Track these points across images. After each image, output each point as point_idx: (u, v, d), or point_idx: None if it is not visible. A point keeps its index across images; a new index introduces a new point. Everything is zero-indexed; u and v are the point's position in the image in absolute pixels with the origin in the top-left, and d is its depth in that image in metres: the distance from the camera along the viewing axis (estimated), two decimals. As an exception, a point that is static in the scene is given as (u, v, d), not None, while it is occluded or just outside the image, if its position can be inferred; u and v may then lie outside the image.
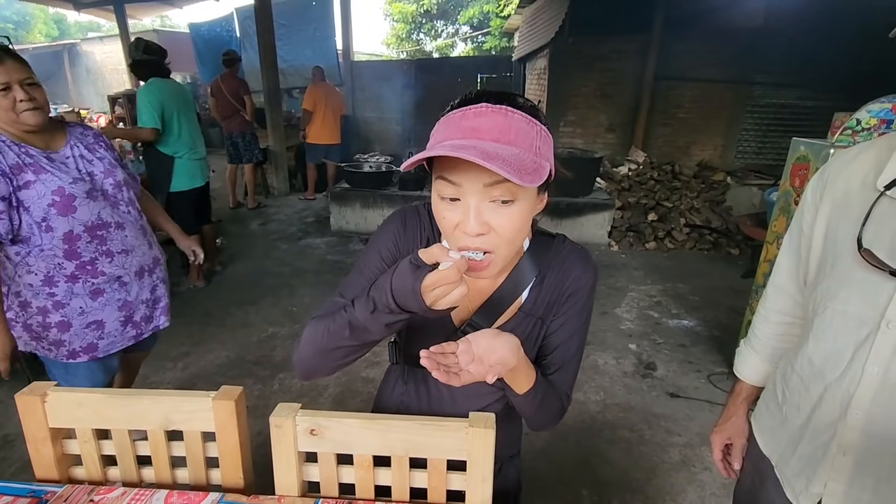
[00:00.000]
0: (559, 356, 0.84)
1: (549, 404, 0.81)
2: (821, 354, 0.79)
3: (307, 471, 0.93)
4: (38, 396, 0.91)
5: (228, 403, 0.92)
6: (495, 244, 0.65)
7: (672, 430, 2.25)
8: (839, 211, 0.78)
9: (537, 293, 0.82)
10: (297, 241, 4.76)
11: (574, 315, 0.83)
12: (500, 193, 0.62)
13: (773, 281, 0.97)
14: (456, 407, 0.92)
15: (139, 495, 0.89)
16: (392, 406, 0.98)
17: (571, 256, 0.82)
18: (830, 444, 0.78)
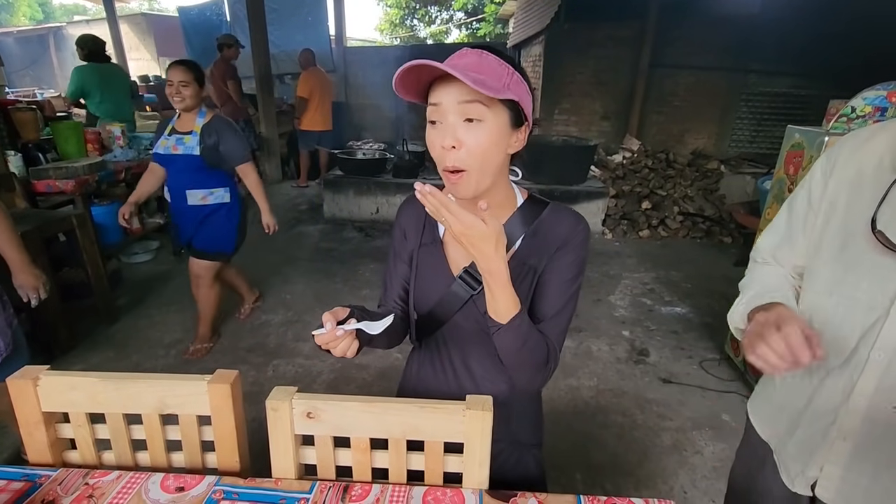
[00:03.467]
0: (549, 305, 0.85)
1: (534, 346, 0.79)
2: (824, 340, 0.74)
3: (304, 454, 0.93)
4: (30, 380, 0.90)
5: (224, 387, 0.91)
6: (467, 162, 0.74)
7: (664, 415, 2.28)
8: (851, 192, 0.75)
9: (530, 243, 0.86)
10: (291, 229, 4.72)
11: (565, 266, 0.85)
12: (471, 111, 0.72)
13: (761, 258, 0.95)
14: (475, 386, 0.94)
15: (135, 479, 0.88)
16: (410, 387, 1.01)
17: (563, 213, 0.88)
18: (830, 429, 0.77)
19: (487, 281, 0.74)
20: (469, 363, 0.94)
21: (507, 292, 0.74)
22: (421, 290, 0.92)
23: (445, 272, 0.89)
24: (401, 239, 0.96)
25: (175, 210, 2.46)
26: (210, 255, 2.51)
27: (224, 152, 2.33)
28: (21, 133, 3.17)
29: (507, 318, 0.75)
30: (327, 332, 0.71)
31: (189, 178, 2.36)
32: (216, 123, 2.32)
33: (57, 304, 2.59)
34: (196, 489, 0.87)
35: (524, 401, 0.95)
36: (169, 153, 2.30)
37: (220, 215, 2.46)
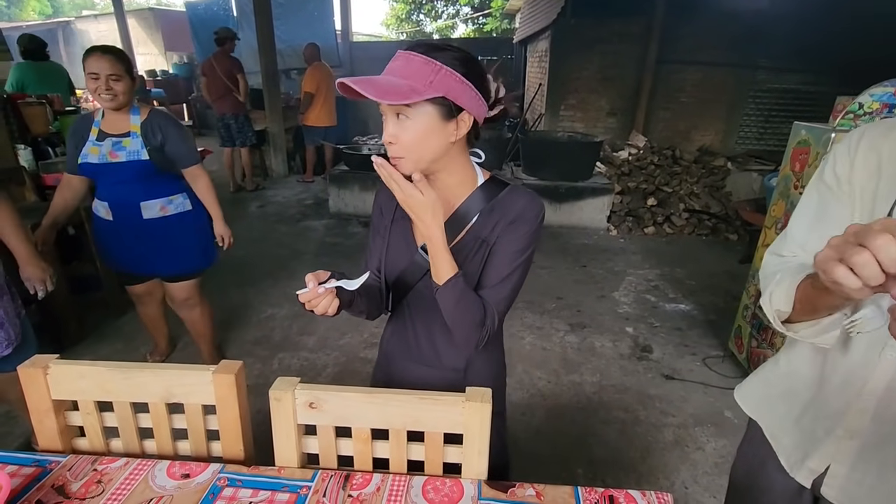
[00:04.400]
0: (494, 273, 0.92)
1: (468, 307, 0.88)
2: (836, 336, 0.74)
3: (306, 443, 0.95)
4: (41, 369, 0.92)
5: (228, 377, 0.93)
6: (401, 153, 0.85)
7: (666, 411, 2.28)
8: (870, 184, 0.71)
9: (485, 219, 0.93)
10: (296, 224, 4.75)
11: (515, 239, 0.91)
12: (399, 110, 0.82)
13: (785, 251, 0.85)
14: (435, 353, 1.03)
15: (142, 465, 0.91)
16: (382, 353, 1.13)
17: (520, 193, 0.95)
18: (836, 426, 0.76)
19: (428, 245, 0.84)
20: (431, 329, 1.02)
21: (443, 256, 0.84)
22: (390, 259, 1.01)
23: (411, 244, 0.99)
24: (378, 215, 1.06)
25: (120, 230, 2.03)
26: (189, 275, 2.22)
27: (170, 153, 1.98)
28: (30, 127, 3.20)
29: (444, 280, 0.85)
30: (310, 290, 0.80)
31: (140, 189, 1.97)
32: (157, 119, 1.95)
33: (66, 296, 2.63)
34: (201, 476, 0.89)
35: (483, 369, 1.05)
36: (106, 162, 1.89)
37: (186, 225, 2.11)
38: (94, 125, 1.93)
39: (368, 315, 1.02)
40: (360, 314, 0.99)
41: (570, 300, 3.34)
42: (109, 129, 1.92)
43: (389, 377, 1.10)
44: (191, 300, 2.27)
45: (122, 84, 1.84)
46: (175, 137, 1.98)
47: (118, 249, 2.09)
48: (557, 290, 3.47)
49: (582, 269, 3.85)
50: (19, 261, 1.65)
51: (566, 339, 2.87)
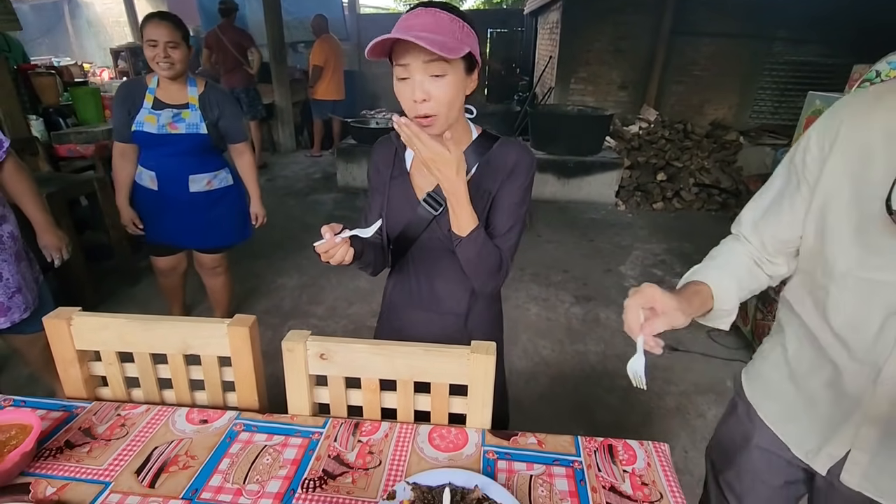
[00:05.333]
0: (501, 224, 0.98)
1: (488, 254, 0.93)
2: (842, 323, 0.74)
3: (318, 393, 0.99)
4: (64, 320, 0.97)
5: (242, 330, 0.97)
6: (436, 109, 0.86)
7: (669, 380, 2.32)
8: (860, 168, 0.68)
9: (484, 170, 0.99)
10: (305, 197, 4.78)
11: (513, 191, 0.98)
12: (435, 69, 0.83)
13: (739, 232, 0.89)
14: (436, 301, 1.08)
15: (162, 412, 0.95)
16: (385, 304, 1.17)
17: (511, 145, 1.00)
18: (854, 410, 0.75)
19: (451, 201, 0.88)
20: (433, 277, 1.06)
21: (467, 210, 0.88)
22: (392, 215, 1.04)
23: (412, 198, 1.02)
24: (375, 174, 1.08)
25: (165, 201, 2.03)
26: (226, 248, 2.30)
27: (223, 128, 1.99)
28: (41, 98, 3.23)
29: (466, 232, 0.90)
30: (327, 240, 0.83)
31: (191, 162, 1.99)
32: (214, 93, 1.96)
33: (82, 264, 2.70)
34: (218, 422, 0.93)
35: (482, 314, 1.11)
36: (165, 132, 1.88)
37: (229, 200, 2.14)
38: (148, 92, 1.89)
39: (373, 269, 1.06)
40: (367, 267, 1.03)
41: (576, 273, 3.35)
42: (166, 98, 1.89)
43: (394, 326, 1.15)
44: (219, 268, 2.33)
45: (180, 52, 1.81)
46: (230, 113, 1.99)
47: (160, 221, 2.08)
48: (564, 264, 3.48)
49: (589, 243, 3.85)
50: (37, 229, 1.69)
51: (571, 311, 2.90)
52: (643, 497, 0.81)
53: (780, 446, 0.87)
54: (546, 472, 0.85)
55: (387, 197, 1.04)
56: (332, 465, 0.85)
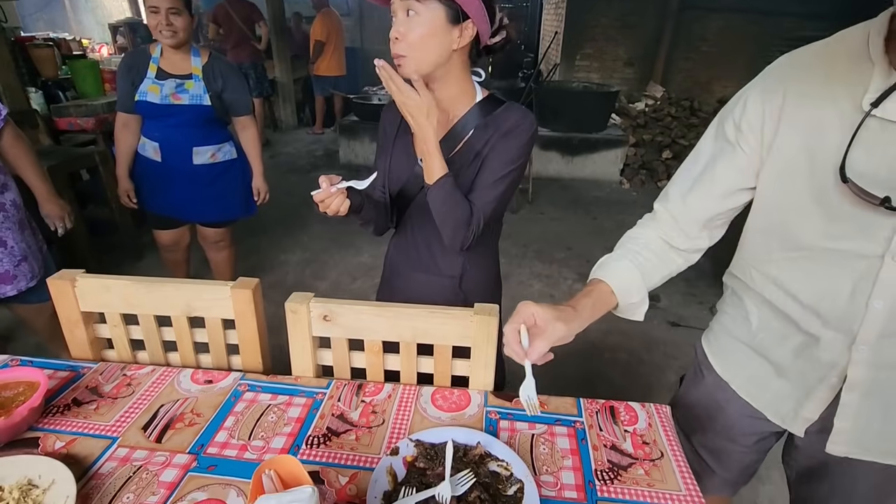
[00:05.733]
0: (483, 179, 0.97)
1: (455, 205, 0.93)
2: (811, 293, 0.73)
3: (321, 355, 0.99)
4: (68, 281, 0.97)
5: (246, 292, 0.97)
6: (406, 50, 0.88)
7: (670, 354, 2.33)
8: (811, 137, 0.67)
9: (481, 133, 0.98)
10: (307, 174, 4.76)
11: (505, 149, 0.96)
12: (409, 5, 0.85)
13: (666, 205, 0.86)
14: (433, 261, 1.09)
15: (167, 372, 0.96)
16: (387, 266, 1.20)
17: (515, 109, 0.99)
18: (829, 374, 0.75)
19: (419, 147, 0.90)
20: (430, 238, 1.07)
21: (435, 156, 0.89)
22: (393, 174, 1.07)
23: (411, 158, 1.04)
24: (382, 135, 1.11)
25: (168, 173, 2.00)
26: (230, 222, 2.28)
27: (228, 100, 1.97)
28: (40, 70, 3.19)
29: (434, 180, 0.90)
30: (323, 190, 0.86)
31: (195, 134, 1.97)
32: (218, 64, 1.93)
33: (86, 238, 2.70)
34: (223, 382, 0.94)
35: (477, 277, 1.11)
36: (168, 103, 1.86)
37: (232, 174, 2.13)
38: (151, 61, 1.87)
39: (376, 227, 1.08)
40: (368, 224, 1.05)
41: (579, 251, 3.34)
42: (170, 68, 1.87)
43: (393, 286, 1.17)
44: (222, 242, 2.33)
45: (182, 19, 1.78)
46: (235, 85, 1.96)
47: (163, 193, 2.06)
48: (567, 241, 3.47)
49: (593, 221, 3.84)
50: (38, 198, 1.69)
51: (574, 287, 2.90)
52: (644, 455, 0.81)
53: (753, 412, 0.88)
54: (548, 432, 0.85)
55: (390, 157, 1.05)
56: (335, 423, 0.85)
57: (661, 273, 0.86)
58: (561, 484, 0.76)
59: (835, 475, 0.85)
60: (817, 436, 0.82)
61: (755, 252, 0.82)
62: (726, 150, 0.77)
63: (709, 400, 0.95)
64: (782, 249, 0.75)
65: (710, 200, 0.80)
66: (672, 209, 0.84)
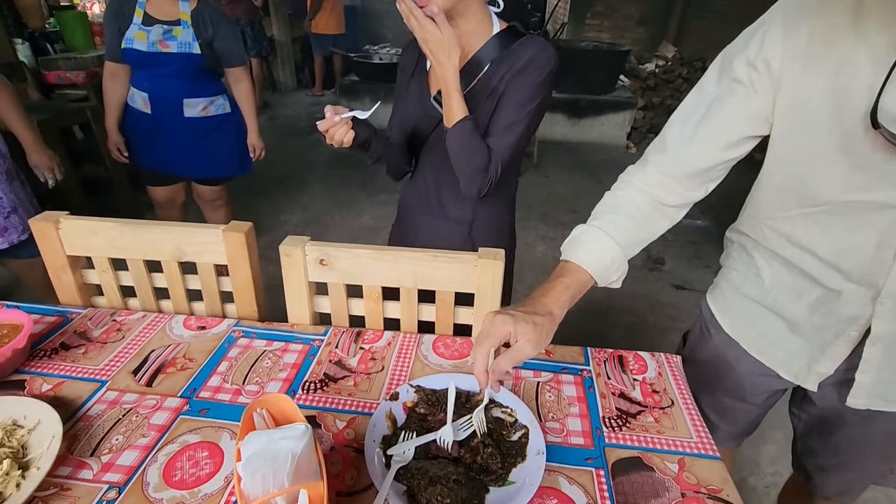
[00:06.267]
0: (500, 121, 0.92)
1: (473, 150, 0.89)
2: (830, 248, 0.69)
3: (318, 302, 0.95)
4: (52, 222, 0.92)
5: (238, 235, 0.92)
6: None
7: (675, 317, 2.31)
8: (840, 81, 0.60)
9: (497, 68, 0.93)
10: (307, 136, 4.65)
11: (521, 87, 0.91)
12: None
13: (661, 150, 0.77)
14: (440, 205, 1.06)
15: (159, 318, 0.93)
16: (400, 209, 1.18)
17: (534, 42, 0.93)
18: (848, 328, 0.71)
19: (441, 87, 0.86)
20: (440, 181, 1.05)
21: (455, 97, 0.86)
22: (407, 113, 1.04)
23: (425, 96, 1.00)
24: (400, 74, 1.07)
25: (159, 125, 1.92)
26: (226, 179, 2.19)
27: (219, 49, 1.86)
28: (26, 21, 3.07)
29: (453, 123, 0.87)
30: (328, 119, 0.85)
31: (185, 85, 1.87)
32: (208, 10, 1.81)
33: (81, 197, 2.65)
34: (216, 328, 0.91)
35: (487, 225, 1.08)
36: (155, 51, 1.76)
37: (226, 129, 2.03)
38: (138, 6, 1.76)
39: (389, 167, 1.05)
40: (380, 163, 1.02)
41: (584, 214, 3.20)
42: (157, 13, 1.77)
43: (404, 230, 1.15)
44: (218, 201, 2.25)
45: None
46: (226, 33, 1.86)
47: (154, 146, 1.98)
48: (572, 204, 3.41)
49: (598, 184, 3.75)
50: (26, 148, 1.63)
51: (578, 250, 2.86)
52: (654, 403, 0.78)
53: (764, 370, 0.84)
54: (554, 380, 0.82)
55: (406, 94, 1.03)
56: (333, 369, 0.82)
57: (644, 242, 0.80)
58: (567, 430, 0.73)
59: (852, 426, 0.82)
60: (833, 388, 0.79)
61: (768, 208, 0.76)
62: (736, 91, 0.68)
63: (717, 359, 0.91)
64: (799, 205, 0.70)
65: (712, 149, 0.72)
66: (668, 160, 0.76)
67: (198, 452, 0.67)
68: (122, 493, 0.61)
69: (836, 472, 0.92)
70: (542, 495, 0.63)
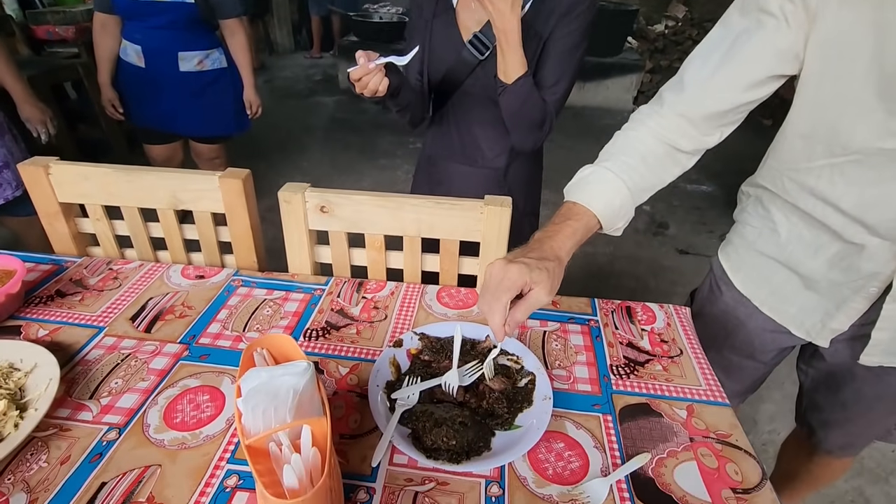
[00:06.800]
0: (550, 73, 0.90)
1: (533, 106, 0.87)
2: (856, 200, 0.65)
3: (319, 252, 0.93)
4: (42, 167, 0.89)
5: (236, 182, 0.89)
6: None
7: (677, 282, 2.29)
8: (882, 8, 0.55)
9: (538, 8, 0.88)
10: (305, 99, 4.54)
11: (568, 34, 0.88)
12: None
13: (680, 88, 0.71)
14: (479, 152, 1.03)
15: (156, 267, 0.90)
16: (424, 157, 1.13)
17: None
18: (868, 284, 0.69)
19: (500, 40, 0.81)
20: (474, 130, 1.01)
21: (517, 53, 0.82)
22: (434, 58, 0.96)
23: (457, 39, 0.93)
24: (416, 13, 0.99)
25: (153, 79, 1.85)
26: (221, 138, 2.13)
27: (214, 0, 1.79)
28: (12, -27, 2.94)
29: (513, 79, 0.83)
30: (361, 65, 0.78)
31: (180, 37, 1.80)
32: None
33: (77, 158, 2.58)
34: (215, 277, 0.89)
35: (521, 170, 1.06)
36: (148, 0, 1.69)
37: (223, 85, 1.97)
38: None
39: (412, 116, 1.00)
40: (405, 112, 0.97)
41: (588, 179, 3.23)
42: None
43: (432, 179, 1.11)
44: (217, 160, 2.20)
45: None
46: None
47: (149, 102, 1.92)
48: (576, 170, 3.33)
49: (603, 149, 3.69)
50: (17, 101, 1.58)
51: (582, 215, 2.82)
52: (662, 352, 0.77)
53: (776, 327, 0.82)
54: (560, 329, 0.81)
55: (429, 38, 0.96)
56: (335, 317, 0.81)
57: (653, 189, 0.75)
58: (574, 378, 0.71)
59: (862, 381, 0.81)
60: (845, 343, 0.78)
61: (791, 158, 0.72)
62: (766, 24, 0.62)
63: (726, 316, 0.90)
64: (827, 154, 0.66)
65: (734, 88, 0.67)
66: (686, 99, 0.71)
67: (199, 396, 0.66)
68: (122, 434, 0.60)
69: (842, 428, 0.92)
70: (549, 439, 0.62)
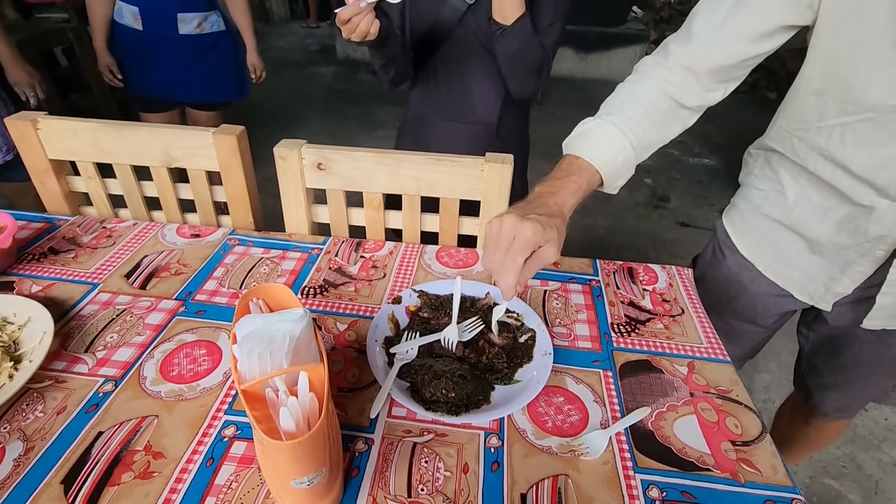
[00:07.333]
0: (544, 16, 0.87)
1: (532, 50, 0.85)
2: (867, 161, 0.63)
3: (316, 212, 0.91)
4: (30, 122, 0.86)
5: (230, 139, 0.87)
6: None
7: (677, 254, 2.28)
8: None
9: None
10: (302, 70, 4.45)
11: None
12: None
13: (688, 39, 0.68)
14: (471, 105, 1.00)
15: (151, 226, 0.89)
16: (410, 116, 1.09)
17: None
18: (874, 248, 0.68)
19: None
20: (465, 83, 0.97)
21: None
22: (417, 10, 0.92)
23: None
24: None
25: (151, 43, 1.77)
26: (221, 104, 2.04)
27: None
28: (-4, -67, 2.83)
29: (511, 20, 0.80)
30: (351, 5, 0.73)
31: None
32: None
33: (68, 124, 2.54)
34: (211, 236, 0.87)
35: (512, 125, 1.04)
36: None
37: (223, 48, 1.89)
38: None
39: (396, 73, 0.96)
40: (390, 66, 0.93)
41: (589, 152, 3.19)
42: None
43: (419, 139, 1.07)
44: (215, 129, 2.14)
45: None
46: None
47: (146, 67, 1.82)
48: (577, 142, 3.31)
49: (605, 122, 3.64)
50: (4, 64, 1.55)
51: (582, 188, 2.80)
52: (664, 311, 0.76)
53: (779, 291, 0.82)
54: (561, 288, 0.80)
55: None
56: (333, 276, 0.79)
57: (654, 146, 0.73)
58: (574, 335, 0.71)
59: (864, 344, 0.81)
60: (848, 307, 0.77)
61: (802, 118, 0.70)
62: None
63: (728, 281, 0.89)
64: (839, 113, 0.63)
65: (743, 40, 0.65)
66: (692, 51, 0.68)
67: (195, 350, 0.65)
68: (118, 386, 0.60)
69: (840, 390, 0.92)
70: (549, 393, 0.61)
